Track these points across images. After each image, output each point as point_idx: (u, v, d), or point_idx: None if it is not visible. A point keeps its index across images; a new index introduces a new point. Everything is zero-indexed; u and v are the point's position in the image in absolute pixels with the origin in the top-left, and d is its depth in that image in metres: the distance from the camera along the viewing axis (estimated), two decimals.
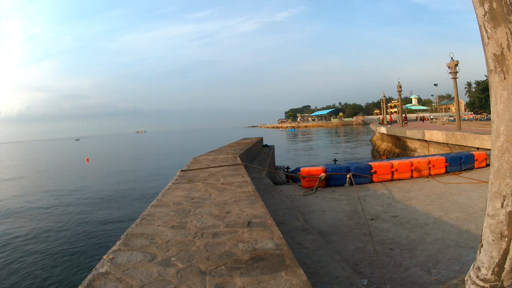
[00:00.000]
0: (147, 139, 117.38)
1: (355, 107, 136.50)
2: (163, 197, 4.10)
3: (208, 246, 2.41)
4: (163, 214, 3.32)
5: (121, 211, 13.39)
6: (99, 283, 1.88)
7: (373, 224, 5.47)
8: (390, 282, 3.47)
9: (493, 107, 1.72)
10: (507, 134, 1.65)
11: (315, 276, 3.19)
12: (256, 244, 2.41)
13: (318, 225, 5.61)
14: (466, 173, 9.35)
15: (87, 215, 13.02)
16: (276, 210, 5.47)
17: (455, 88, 18.55)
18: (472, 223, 5.19)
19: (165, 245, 2.45)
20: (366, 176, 8.81)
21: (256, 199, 3.79)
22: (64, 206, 14.84)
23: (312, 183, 8.61)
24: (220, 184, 4.85)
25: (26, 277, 7.52)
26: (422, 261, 3.96)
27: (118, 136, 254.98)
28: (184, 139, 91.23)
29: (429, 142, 17.54)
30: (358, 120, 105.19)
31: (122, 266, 2.10)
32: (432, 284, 3.38)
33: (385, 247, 4.48)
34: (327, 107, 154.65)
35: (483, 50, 1.73)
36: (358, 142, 43.94)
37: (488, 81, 1.76)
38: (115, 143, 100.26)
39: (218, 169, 6.37)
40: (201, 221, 3.03)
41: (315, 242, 4.11)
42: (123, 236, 2.64)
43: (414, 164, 9.22)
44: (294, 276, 1.91)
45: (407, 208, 6.35)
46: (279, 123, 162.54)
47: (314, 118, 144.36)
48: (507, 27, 1.59)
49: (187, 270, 2.03)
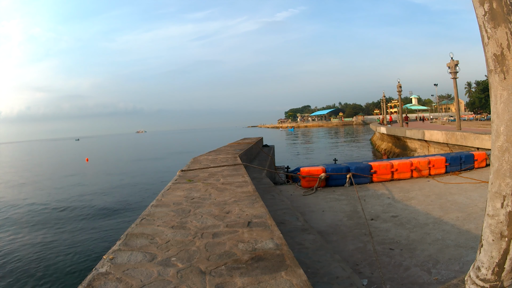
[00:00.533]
0: (147, 139, 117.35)
1: (355, 107, 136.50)
2: (163, 197, 4.10)
3: (208, 246, 2.41)
4: (163, 214, 3.32)
5: (121, 211, 13.39)
6: (99, 283, 1.88)
7: (373, 224, 5.47)
8: (390, 282, 3.47)
9: (493, 107, 1.72)
10: (507, 134, 1.65)
11: (315, 276, 3.18)
12: (256, 244, 2.41)
13: (318, 225, 5.61)
14: (466, 173, 9.35)
15: (86, 215, 13.01)
16: (276, 210, 5.47)
17: (455, 88, 18.55)
18: (472, 223, 5.18)
19: (165, 245, 2.45)
20: (366, 176, 8.81)
21: (256, 199, 3.79)
22: (63, 206, 14.83)
23: (312, 183, 8.61)
24: (220, 184, 4.85)
25: (26, 277, 7.51)
26: (422, 261, 3.95)
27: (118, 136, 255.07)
28: (184, 139, 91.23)
29: (429, 142, 17.54)
30: (358, 120, 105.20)
31: (122, 266, 2.10)
32: (432, 284, 3.38)
33: (385, 247, 4.48)
34: (327, 107, 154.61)
35: (483, 50, 1.73)
36: (358, 142, 43.94)
37: (488, 81, 1.76)
38: (115, 143, 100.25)
39: (218, 169, 6.38)
40: (201, 221, 3.03)
41: (315, 242, 4.11)
42: (123, 236, 2.64)
43: (414, 164, 9.21)
44: (294, 276, 1.91)
45: (407, 208, 6.34)
46: (279, 123, 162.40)
47: (314, 118, 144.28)
48: (507, 27, 1.59)
49: (187, 270, 2.03)
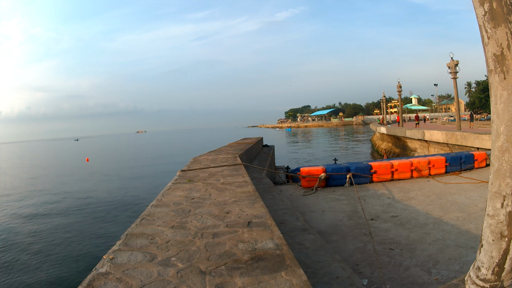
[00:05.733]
0: (147, 139, 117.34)
1: (355, 107, 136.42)
2: (163, 197, 4.10)
3: (208, 246, 2.41)
4: (163, 214, 3.32)
5: (121, 211, 13.38)
6: (99, 283, 1.88)
7: (373, 224, 5.47)
8: (390, 282, 3.47)
9: (493, 107, 1.72)
10: (507, 134, 1.65)
11: (315, 276, 3.18)
12: (256, 244, 2.41)
13: (318, 225, 5.61)
14: (466, 173, 9.35)
15: (86, 215, 13.01)
16: (276, 210, 5.47)
17: (455, 88, 18.55)
18: (472, 223, 5.18)
19: (165, 245, 2.45)
20: (366, 176, 8.81)
21: (256, 199, 3.79)
22: (63, 206, 14.83)
23: (312, 183, 8.61)
24: (220, 184, 4.84)
25: (25, 277, 7.51)
26: (422, 261, 3.96)
27: (118, 136, 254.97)
28: (184, 139, 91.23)
29: (429, 142, 17.54)
30: (358, 120, 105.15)
31: (122, 266, 2.10)
32: (432, 284, 3.38)
33: (385, 247, 4.48)
34: (327, 107, 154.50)
35: (483, 50, 1.73)
36: (358, 142, 43.93)
37: (488, 81, 1.75)
38: (115, 143, 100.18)
39: (218, 169, 6.37)
40: (201, 221, 3.03)
41: (315, 242, 4.11)
42: (123, 236, 2.64)
43: (414, 164, 9.21)
44: (294, 276, 1.91)
45: (407, 208, 6.34)
46: (279, 123, 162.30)
47: (314, 118, 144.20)
48: (507, 27, 1.59)
49: (187, 270, 2.03)
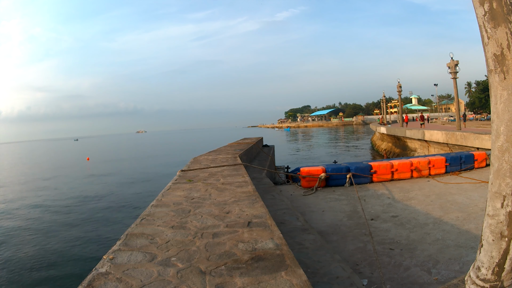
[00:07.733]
0: (147, 139, 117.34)
1: (355, 107, 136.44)
2: (163, 197, 4.10)
3: (208, 246, 2.41)
4: (163, 214, 3.32)
5: (121, 211, 13.39)
6: (99, 283, 1.88)
7: (373, 224, 5.47)
8: (390, 282, 3.47)
9: (493, 107, 1.72)
10: (507, 134, 1.65)
11: (315, 276, 3.18)
12: (256, 244, 2.41)
13: (318, 225, 5.61)
14: (466, 173, 9.35)
15: (85, 215, 13.01)
16: (276, 210, 5.47)
17: (455, 88, 18.55)
18: (472, 223, 5.18)
19: (165, 245, 2.45)
20: (366, 176, 8.81)
21: (256, 199, 3.79)
22: (62, 206, 14.83)
23: (312, 183, 8.61)
24: (220, 184, 4.84)
25: (25, 277, 7.51)
26: (422, 261, 3.95)
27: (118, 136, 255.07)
28: (184, 139, 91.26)
29: (429, 142, 17.54)
30: (358, 120, 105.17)
31: (122, 266, 2.10)
32: (432, 284, 3.38)
33: (385, 247, 4.48)
34: (327, 107, 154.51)
35: (483, 50, 1.73)
36: (358, 142, 43.93)
37: (488, 81, 1.75)
38: (115, 143, 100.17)
39: (218, 169, 6.37)
40: (201, 221, 3.03)
41: (315, 242, 4.11)
42: (123, 236, 2.64)
43: (414, 164, 9.21)
44: (294, 276, 1.91)
45: (407, 208, 6.34)
46: (279, 123, 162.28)
47: (314, 118, 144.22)
48: (507, 27, 1.59)
49: (187, 270, 2.03)
